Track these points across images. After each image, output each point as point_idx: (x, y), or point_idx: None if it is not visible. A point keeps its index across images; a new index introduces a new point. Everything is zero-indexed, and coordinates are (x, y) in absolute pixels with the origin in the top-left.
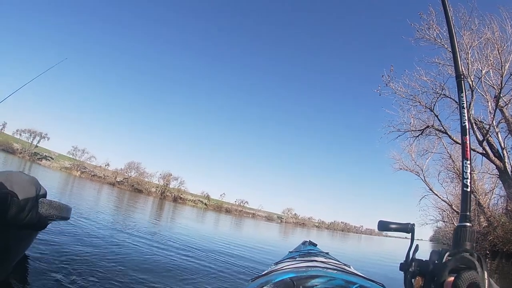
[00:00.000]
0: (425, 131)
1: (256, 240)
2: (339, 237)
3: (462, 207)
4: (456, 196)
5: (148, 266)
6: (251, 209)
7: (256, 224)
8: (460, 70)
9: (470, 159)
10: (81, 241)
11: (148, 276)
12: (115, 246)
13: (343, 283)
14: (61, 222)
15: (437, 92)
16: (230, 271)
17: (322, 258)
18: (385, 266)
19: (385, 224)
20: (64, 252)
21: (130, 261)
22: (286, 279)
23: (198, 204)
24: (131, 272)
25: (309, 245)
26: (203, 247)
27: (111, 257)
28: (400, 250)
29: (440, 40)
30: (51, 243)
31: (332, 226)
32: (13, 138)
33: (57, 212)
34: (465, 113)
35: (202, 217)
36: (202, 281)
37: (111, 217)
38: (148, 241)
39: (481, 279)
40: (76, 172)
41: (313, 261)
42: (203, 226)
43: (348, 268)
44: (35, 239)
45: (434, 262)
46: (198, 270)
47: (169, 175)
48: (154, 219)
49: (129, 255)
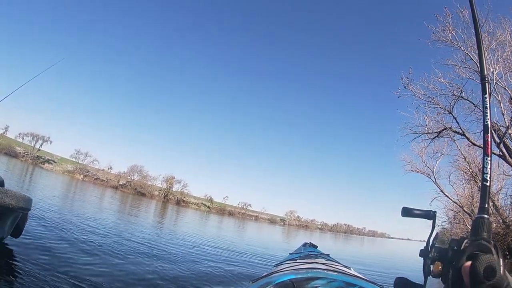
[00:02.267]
0: (441, 133)
1: (259, 244)
2: (342, 239)
3: (481, 200)
4: (467, 198)
5: (154, 269)
6: (254, 211)
7: (259, 227)
8: (484, 73)
9: (490, 156)
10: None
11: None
12: (121, 262)
13: (343, 285)
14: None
15: (455, 94)
16: (231, 273)
17: (323, 260)
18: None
19: (408, 210)
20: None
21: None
22: (286, 281)
23: (201, 207)
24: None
25: (309, 247)
26: (207, 251)
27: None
28: (399, 249)
29: (456, 42)
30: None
31: (335, 228)
32: (16, 141)
33: (13, 201)
34: (488, 113)
35: (205, 220)
36: (203, 283)
37: (113, 225)
38: (153, 248)
39: (497, 264)
40: (79, 176)
41: (314, 263)
42: (206, 230)
43: (349, 270)
44: None
45: (453, 248)
46: (199, 272)
47: (172, 178)
48: (158, 223)
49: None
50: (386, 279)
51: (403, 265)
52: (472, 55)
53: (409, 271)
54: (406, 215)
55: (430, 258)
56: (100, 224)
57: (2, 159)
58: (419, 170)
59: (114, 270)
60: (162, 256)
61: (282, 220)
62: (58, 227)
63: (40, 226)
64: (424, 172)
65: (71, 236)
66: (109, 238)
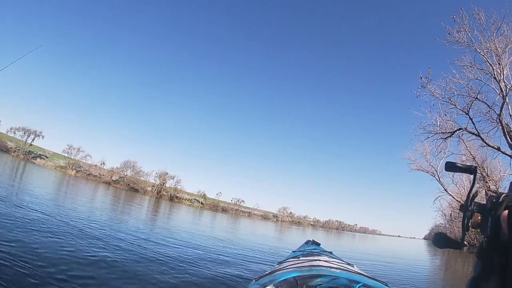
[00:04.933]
0: (455, 133)
1: (254, 240)
2: (334, 235)
3: None
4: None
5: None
6: (247, 208)
7: (252, 223)
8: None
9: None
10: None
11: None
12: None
13: (346, 282)
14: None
15: (471, 96)
16: (232, 271)
17: (326, 258)
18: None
19: (451, 164)
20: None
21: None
22: (290, 279)
23: (194, 203)
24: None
25: (312, 245)
26: (204, 247)
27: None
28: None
29: (472, 44)
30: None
31: (327, 225)
32: (7, 136)
33: None
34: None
35: (199, 217)
36: (207, 281)
37: (107, 220)
38: (149, 241)
39: None
40: (71, 171)
41: (317, 261)
42: (200, 228)
43: (352, 267)
44: None
45: (492, 201)
46: (203, 270)
47: (165, 174)
48: (152, 219)
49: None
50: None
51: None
52: (488, 57)
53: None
54: (450, 169)
55: (470, 210)
56: (93, 222)
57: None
58: (424, 169)
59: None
60: (163, 256)
61: (275, 217)
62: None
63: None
64: (428, 171)
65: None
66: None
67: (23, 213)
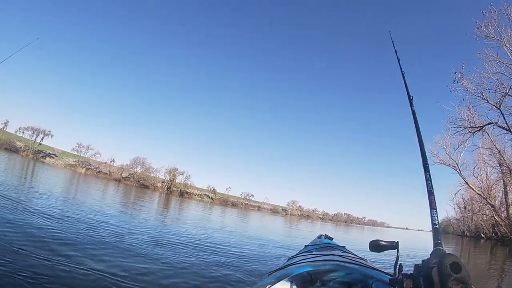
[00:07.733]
0: (483, 128)
1: (265, 235)
2: (343, 228)
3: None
4: (490, 190)
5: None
6: (256, 202)
7: (262, 217)
8: None
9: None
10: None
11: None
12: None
13: (361, 277)
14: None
15: (502, 91)
16: (244, 264)
17: (339, 252)
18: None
19: (375, 243)
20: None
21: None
22: (304, 273)
23: (204, 198)
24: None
25: (325, 239)
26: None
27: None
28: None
29: (501, 39)
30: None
31: (335, 218)
32: (16, 136)
33: None
34: None
35: (209, 212)
36: (218, 275)
37: (119, 217)
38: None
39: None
40: (81, 169)
41: (330, 255)
42: (211, 224)
43: (365, 262)
44: None
45: (418, 266)
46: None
47: (175, 170)
48: (164, 216)
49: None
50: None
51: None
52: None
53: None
54: (373, 249)
55: (398, 281)
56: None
57: (2, 154)
58: (446, 162)
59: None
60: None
61: (284, 210)
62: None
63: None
64: (450, 165)
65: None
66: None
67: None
